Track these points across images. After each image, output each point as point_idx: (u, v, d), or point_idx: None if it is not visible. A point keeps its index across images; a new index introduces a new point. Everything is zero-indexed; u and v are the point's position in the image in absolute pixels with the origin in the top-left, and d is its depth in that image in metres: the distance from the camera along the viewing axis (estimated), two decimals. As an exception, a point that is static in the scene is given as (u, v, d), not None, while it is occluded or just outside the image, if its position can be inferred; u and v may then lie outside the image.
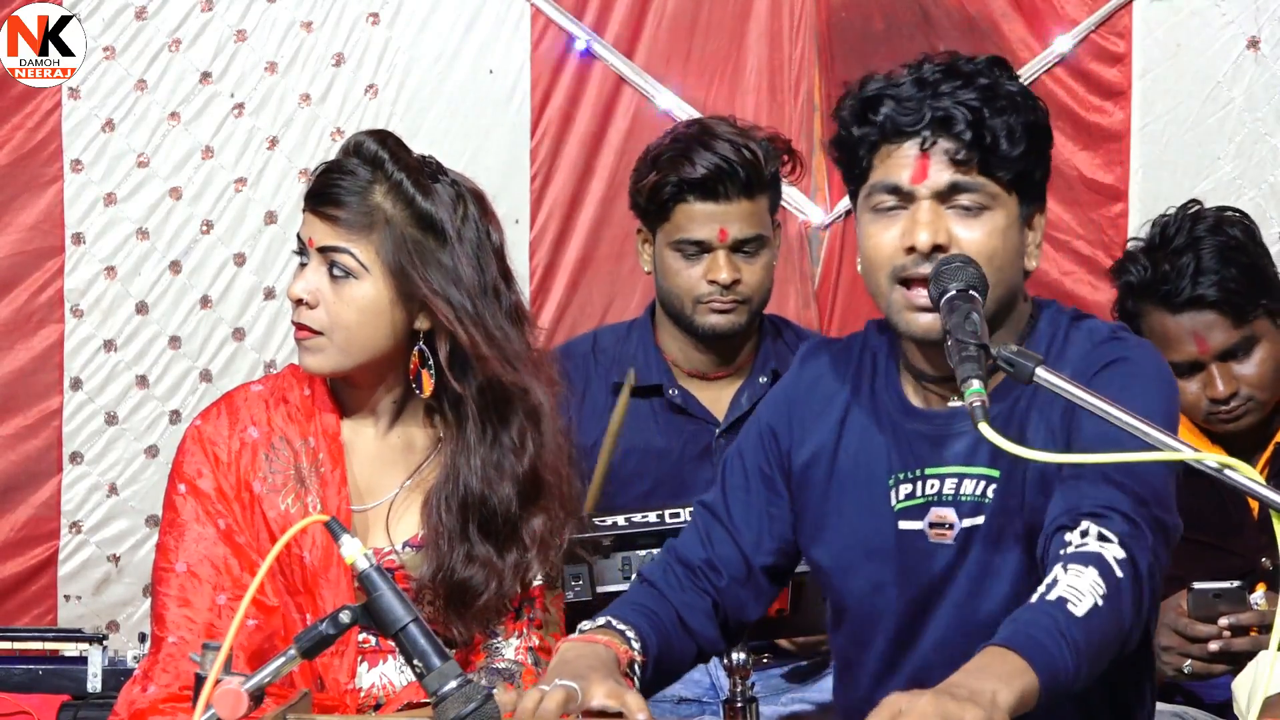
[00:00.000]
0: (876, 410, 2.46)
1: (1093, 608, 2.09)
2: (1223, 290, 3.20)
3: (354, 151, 2.62)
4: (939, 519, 2.39)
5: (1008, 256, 2.36)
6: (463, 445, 2.63)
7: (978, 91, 2.32)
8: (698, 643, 2.48)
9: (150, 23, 4.27)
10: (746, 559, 2.51)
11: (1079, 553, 2.15)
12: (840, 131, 2.40)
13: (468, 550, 2.61)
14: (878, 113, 2.34)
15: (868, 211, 2.37)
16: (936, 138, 2.32)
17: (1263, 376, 3.24)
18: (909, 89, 2.34)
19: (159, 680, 2.53)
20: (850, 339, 2.57)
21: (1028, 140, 2.34)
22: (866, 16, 4.33)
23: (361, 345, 2.59)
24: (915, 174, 2.32)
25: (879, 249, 2.35)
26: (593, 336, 3.55)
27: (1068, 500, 2.23)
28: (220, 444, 2.62)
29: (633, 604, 2.43)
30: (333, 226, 2.57)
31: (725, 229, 3.29)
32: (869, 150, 2.36)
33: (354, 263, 2.57)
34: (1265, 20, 4.16)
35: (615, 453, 3.27)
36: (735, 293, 3.31)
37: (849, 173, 2.41)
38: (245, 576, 2.56)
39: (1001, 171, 2.33)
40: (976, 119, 2.31)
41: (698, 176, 3.27)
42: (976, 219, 2.33)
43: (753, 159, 3.28)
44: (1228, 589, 2.99)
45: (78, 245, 4.28)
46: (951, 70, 2.35)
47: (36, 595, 4.29)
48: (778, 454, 2.52)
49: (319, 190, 2.60)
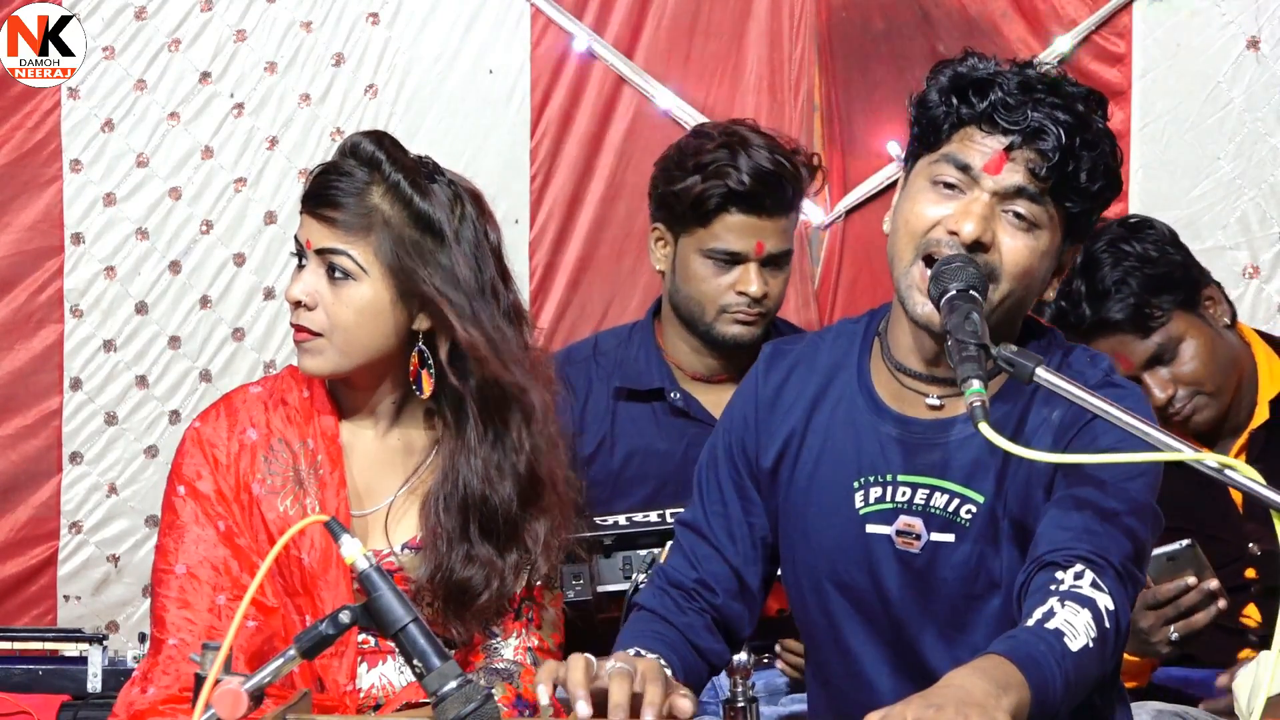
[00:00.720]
0: (845, 410, 2.45)
1: (1085, 647, 2.12)
2: (1124, 308, 3.20)
3: (350, 153, 2.62)
4: (907, 527, 2.39)
5: (1037, 279, 2.36)
6: (462, 446, 2.63)
7: (1075, 117, 2.32)
8: (707, 660, 2.49)
9: (150, 23, 4.27)
10: (736, 572, 2.50)
11: (1075, 593, 2.17)
12: (932, 95, 2.37)
13: (467, 550, 2.61)
14: (983, 97, 2.32)
15: (925, 179, 2.36)
16: (1024, 144, 2.31)
17: (1197, 370, 3.23)
18: (1015, 86, 2.32)
19: (159, 682, 2.53)
20: (814, 337, 2.56)
21: (1104, 181, 2.35)
22: (866, 16, 4.32)
23: (361, 346, 2.59)
24: (992, 164, 2.31)
25: (920, 218, 2.34)
26: (593, 341, 3.53)
27: (1063, 536, 2.24)
28: (219, 446, 2.62)
29: (643, 634, 2.42)
30: (330, 228, 2.57)
31: (762, 243, 3.28)
32: (954, 126, 2.35)
33: (352, 264, 2.57)
34: (1265, 20, 4.16)
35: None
36: (761, 305, 3.30)
37: (923, 138, 2.39)
38: (245, 578, 2.56)
39: (1069, 202, 2.33)
40: (1068, 144, 2.30)
41: (746, 189, 3.24)
42: (1026, 233, 2.32)
43: (794, 175, 3.27)
44: (1178, 549, 2.99)
45: (77, 245, 4.28)
46: (1056, 87, 2.34)
47: (36, 595, 4.29)
48: (746, 461, 2.52)
49: (316, 192, 2.60)
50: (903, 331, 2.41)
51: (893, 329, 2.43)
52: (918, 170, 2.38)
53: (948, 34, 4.21)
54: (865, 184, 4.33)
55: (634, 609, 2.52)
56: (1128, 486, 2.28)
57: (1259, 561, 3.22)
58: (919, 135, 2.39)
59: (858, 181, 4.35)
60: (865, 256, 4.34)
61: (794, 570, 2.49)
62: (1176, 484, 2.44)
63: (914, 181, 2.38)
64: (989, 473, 2.34)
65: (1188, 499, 3.15)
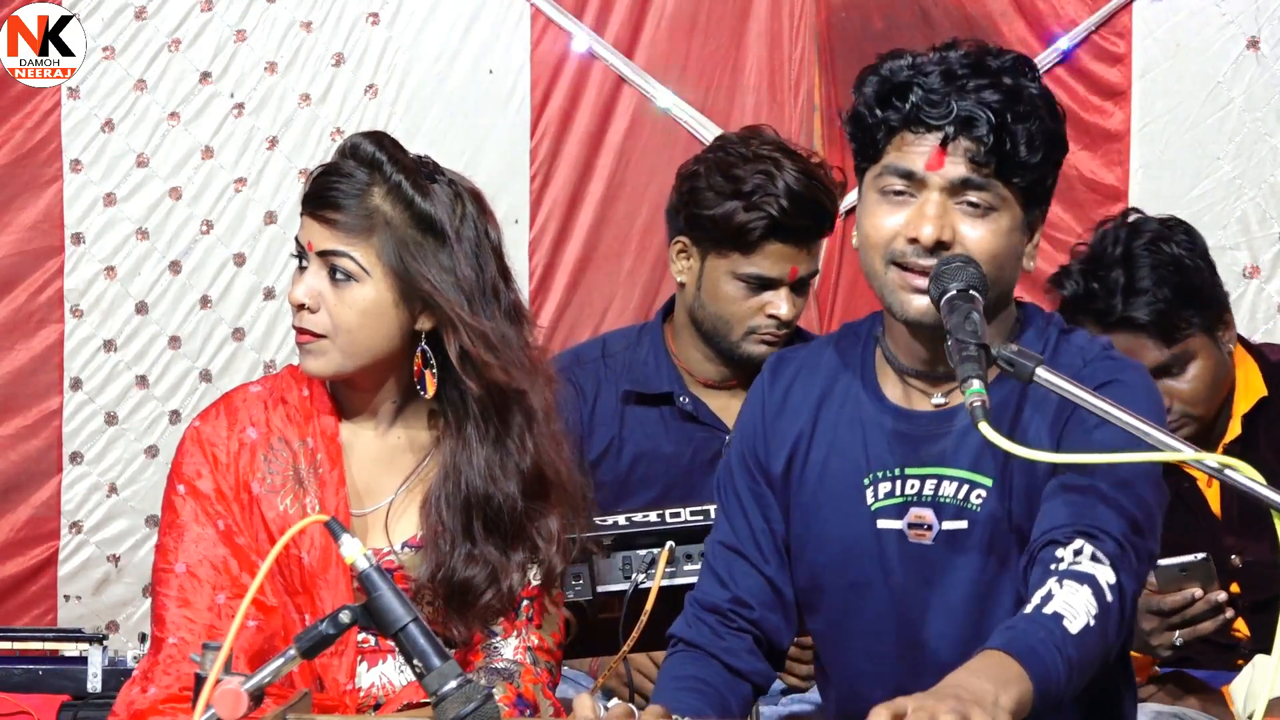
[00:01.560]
0: (850, 408, 2.45)
1: (1085, 626, 2.11)
2: (1153, 313, 3.16)
3: (350, 154, 2.61)
4: (918, 519, 2.38)
5: (1008, 258, 2.35)
6: (464, 444, 2.63)
7: (1003, 93, 2.30)
8: (751, 681, 2.47)
9: (150, 22, 4.27)
10: (770, 582, 2.49)
11: (1073, 570, 2.16)
12: (859, 109, 2.37)
13: (469, 550, 2.61)
14: (904, 100, 2.31)
15: (875, 192, 2.36)
16: (958, 135, 2.30)
17: (1196, 393, 3.21)
18: (936, 80, 2.31)
19: (159, 681, 2.52)
20: (817, 343, 2.56)
21: (1046, 149, 2.33)
22: (866, 16, 4.33)
23: (364, 348, 2.59)
24: (931, 162, 2.31)
25: (879, 231, 2.34)
26: (601, 342, 3.51)
27: (1062, 513, 2.24)
28: (219, 445, 2.62)
29: (677, 680, 2.42)
30: (332, 230, 2.57)
31: (796, 268, 3.26)
32: (887, 134, 2.34)
33: (355, 266, 2.57)
34: (1265, 20, 4.16)
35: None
36: (788, 327, 3.30)
37: (862, 151, 2.39)
38: (245, 577, 2.56)
39: (1016, 178, 2.32)
40: (1000, 123, 2.28)
41: (790, 221, 3.20)
42: (983, 218, 2.32)
43: (831, 204, 3.26)
44: (1192, 561, 2.98)
45: (77, 245, 4.28)
46: (979, 66, 2.32)
47: (36, 595, 4.29)
48: (760, 468, 2.51)
49: (317, 194, 2.59)
50: (895, 339, 2.42)
51: (890, 330, 2.44)
52: (866, 184, 2.39)
53: (947, 33, 4.17)
54: (865, 184, 4.33)
55: (671, 641, 2.51)
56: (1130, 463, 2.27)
57: (1241, 574, 3.21)
58: (858, 151, 2.40)
59: (857, 181, 4.35)
60: (865, 256, 4.34)
61: (804, 570, 2.49)
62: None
63: (866, 195, 2.38)
64: (994, 456, 2.34)
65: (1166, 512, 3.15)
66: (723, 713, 2.39)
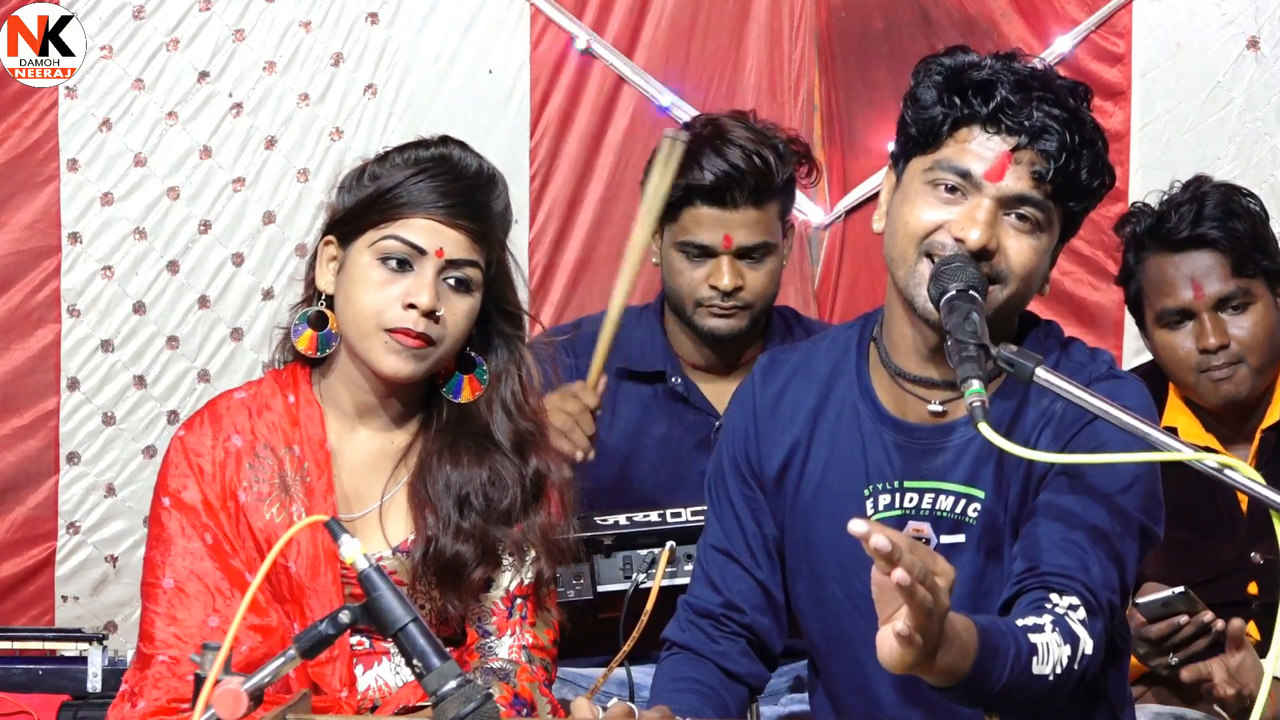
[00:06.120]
0: (848, 420, 2.44)
1: (1042, 677, 2.12)
2: (1224, 231, 3.20)
3: (476, 158, 2.61)
4: (916, 532, 2.37)
5: (1038, 279, 2.36)
6: (452, 439, 2.62)
7: (1071, 115, 2.29)
8: (746, 684, 2.48)
9: (148, 22, 4.26)
10: (762, 585, 2.49)
11: (1066, 625, 2.17)
12: (926, 95, 2.32)
13: (457, 524, 2.59)
14: (988, 97, 2.28)
15: (923, 183, 2.32)
16: (1029, 146, 2.28)
17: (1255, 338, 3.22)
18: (1013, 87, 2.28)
19: (148, 695, 2.49)
20: (809, 345, 2.55)
21: (1102, 178, 2.33)
22: (866, 16, 4.33)
23: (451, 355, 2.60)
24: (993, 171, 2.28)
25: (921, 222, 2.31)
26: (575, 324, 3.53)
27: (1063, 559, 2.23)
28: (204, 455, 2.59)
29: (675, 681, 2.42)
30: (470, 239, 2.56)
31: (730, 235, 3.28)
32: (954, 126, 2.31)
33: (479, 276, 2.57)
34: (1265, 20, 4.16)
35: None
36: (736, 299, 3.29)
37: (918, 138, 2.34)
38: (235, 595, 2.53)
39: (1072, 201, 2.32)
40: (1071, 144, 2.27)
41: (706, 183, 3.24)
42: (1029, 235, 2.31)
43: (763, 167, 3.25)
44: (1172, 595, 2.98)
45: (74, 245, 4.28)
46: (1049, 83, 2.30)
47: (34, 596, 4.28)
48: (751, 471, 2.50)
49: (458, 201, 2.56)
50: (900, 334, 2.39)
51: (889, 332, 2.42)
52: (913, 171, 2.34)
53: (947, 34, 4.21)
54: (865, 184, 4.34)
55: (665, 645, 2.52)
56: (1122, 501, 2.27)
57: (1260, 573, 3.20)
58: (910, 138, 2.35)
59: (858, 181, 4.36)
60: (865, 256, 4.34)
61: (801, 579, 2.48)
62: (1180, 485, 2.43)
63: (910, 183, 2.34)
64: (989, 469, 2.34)
65: (1191, 501, 3.14)
66: (722, 713, 2.39)
